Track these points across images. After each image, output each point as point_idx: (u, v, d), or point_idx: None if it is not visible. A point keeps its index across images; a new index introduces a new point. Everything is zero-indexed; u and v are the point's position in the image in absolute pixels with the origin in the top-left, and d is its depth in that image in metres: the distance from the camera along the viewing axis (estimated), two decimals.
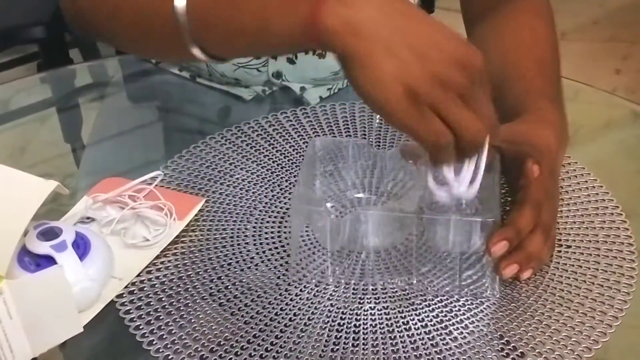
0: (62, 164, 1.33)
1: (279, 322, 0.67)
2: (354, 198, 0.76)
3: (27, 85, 1.28)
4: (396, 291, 0.69)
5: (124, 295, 0.70)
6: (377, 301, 0.69)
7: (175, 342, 0.66)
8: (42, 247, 0.66)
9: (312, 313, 0.68)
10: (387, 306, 0.68)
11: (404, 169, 0.75)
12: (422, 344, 0.66)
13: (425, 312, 0.68)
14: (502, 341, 0.66)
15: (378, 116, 0.93)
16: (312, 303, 0.69)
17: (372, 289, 0.70)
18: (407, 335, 0.66)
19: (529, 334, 0.66)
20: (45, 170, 1.41)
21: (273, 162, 0.86)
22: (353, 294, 0.70)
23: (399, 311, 0.68)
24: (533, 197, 0.68)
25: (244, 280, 0.71)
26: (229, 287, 0.71)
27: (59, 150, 1.25)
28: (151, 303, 0.69)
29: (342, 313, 0.68)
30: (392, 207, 0.71)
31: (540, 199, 0.68)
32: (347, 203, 0.76)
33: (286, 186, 0.83)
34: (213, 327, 0.67)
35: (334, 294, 0.70)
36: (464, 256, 0.69)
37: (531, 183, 0.68)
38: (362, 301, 0.69)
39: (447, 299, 0.69)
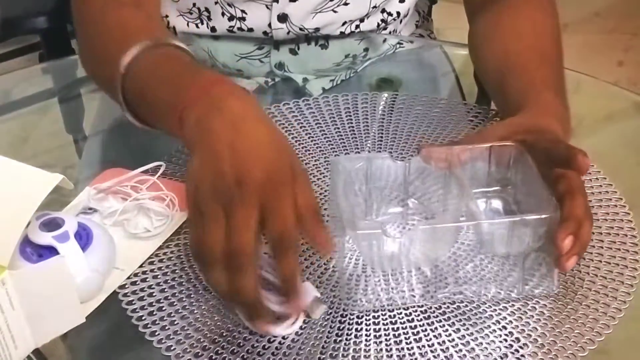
0: (63, 154, 1.33)
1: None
2: (391, 213, 0.74)
3: (28, 76, 1.27)
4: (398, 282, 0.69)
5: (127, 286, 0.70)
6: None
7: (178, 332, 0.66)
8: (45, 238, 0.66)
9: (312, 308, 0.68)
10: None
11: (427, 176, 0.73)
12: (425, 335, 0.66)
13: None
14: (505, 332, 0.66)
15: (381, 107, 0.93)
16: None
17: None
18: (410, 327, 0.66)
19: (532, 326, 0.66)
20: (46, 161, 1.41)
21: None
22: (356, 284, 0.69)
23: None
24: (581, 187, 0.68)
25: None
26: None
27: (60, 140, 1.24)
28: (153, 294, 0.69)
29: (345, 304, 0.68)
30: (448, 219, 0.69)
31: (584, 188, 0.68)
32: (387, 220, 0.74)
33: None
34: (215, 318, 0.67)
35: (336, 284, 0.70)
36: (526, 256, 0.68)
37: (576, 173, 0.68)
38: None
39: None
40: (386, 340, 0.65)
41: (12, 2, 1.09)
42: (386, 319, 0.67)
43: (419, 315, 0.67)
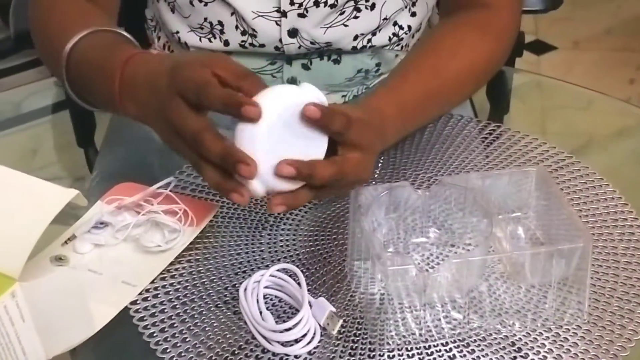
0: (73, 166, 1.33)
1: (294, 332, 0.66)
2: (415, 243, 0.73)
3: (40, 88, 1.27)
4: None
5: (138, 302, 0.70)
6: (393, 311, 0.68)
7: (189, 350, 0.65)
8: None
9: (328, 323, 0.67)
10: (404, 317, 0.67)
11: (448, 203, 0.73)
12: (436, 351, 0.65)
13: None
14: (520, 354, 0.65)
15: None
16: None
17: (389, 298, 0.68)
18: (424, 347, 0.65)
19: (547, 347, 0.66)
20: (55, 173, 1.41)
21: None
22: (370, 302, 0.69)
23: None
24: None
25: None
26: None
27: (70, 153, 1.24)
28: (165, 310, 0.69)
29: (358, 323, 0.68)
30: (479, 251, 0.68)
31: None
32: (411, 251, 0.73)
33: None
34: (227, 336, 0.66)
35: (349, 302, 0.69)
36: (559, 284, 0.67)
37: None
38: (379, 311, 0.68)
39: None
40: (399, 357, 0.64)
41: (25, 16, 1.09)
42: (399, 334, 0.66)
43: (430, 331, 0.66)
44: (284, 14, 0.94)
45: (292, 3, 0.93)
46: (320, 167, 0.68)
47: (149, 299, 0.70)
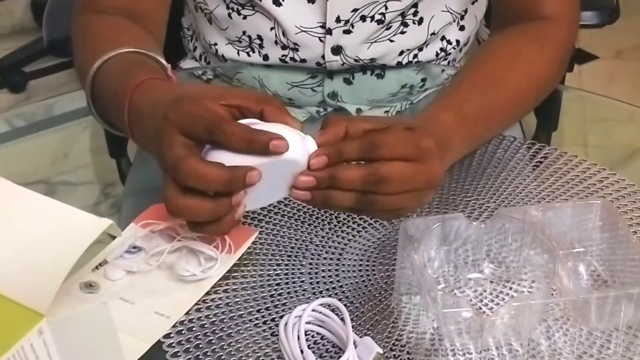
0: (104, 171, 1.30)
1: None
2: (469, 280, 0.69)
3: (72, 89, 1.25)
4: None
5: (172, 336, 0.66)
6: (444, 353, 0.63)
7: None
8: None
9: None
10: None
11: (503, 235, 0.68)
12: None
13: None
14: None
15: None
16: None
17: (439, 338, 0.64)
18: None
19: None
20: (86, 177, 1.38)
21: None
22: (419, 342, 0.64)
23: None
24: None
25: None
26: None
27: (101, 157, 1.22)
28: (200, 345, 0.65)
29: None
30: (541, 293, 0.64)
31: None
32: (463, 287, 0.69)
33: (344, 218, 0.77)
34: None
35: (397, 342, 0.65)
36: (624, 330, 0.62)
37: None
38: (428, 353, 0.63)
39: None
40: None
41: (58, 24, 1.06)
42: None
43: None
44: (328, 31, 0.89)
45: (338, 20, 0.89)
46: (343, 168, 0.65)
47: (183, 332, 0.66)
